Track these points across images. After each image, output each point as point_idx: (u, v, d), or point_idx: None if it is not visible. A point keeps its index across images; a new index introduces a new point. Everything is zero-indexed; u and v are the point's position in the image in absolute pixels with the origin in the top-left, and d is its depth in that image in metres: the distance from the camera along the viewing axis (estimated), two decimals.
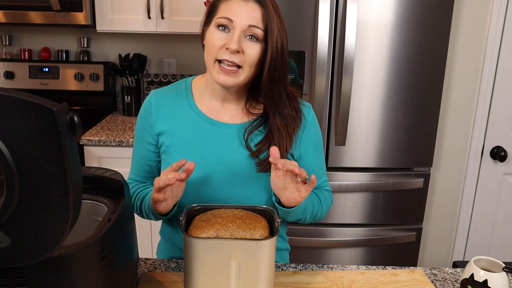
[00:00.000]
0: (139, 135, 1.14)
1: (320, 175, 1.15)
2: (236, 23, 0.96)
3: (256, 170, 1.05)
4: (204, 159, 1.06)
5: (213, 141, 1.06)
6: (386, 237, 2.07)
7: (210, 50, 0.99)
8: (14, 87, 2.61)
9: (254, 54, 0.98)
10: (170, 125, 1.08)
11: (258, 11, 0.96)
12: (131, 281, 0.93)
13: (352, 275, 1.10)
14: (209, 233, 0.86)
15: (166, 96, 1.11)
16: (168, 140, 1.08)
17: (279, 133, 1.04)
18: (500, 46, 2.11)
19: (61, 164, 0.55)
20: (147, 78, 2.67)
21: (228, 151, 1.06)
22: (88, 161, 2.20)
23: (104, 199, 0.87)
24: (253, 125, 1.07)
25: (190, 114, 1.08)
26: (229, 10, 0.96)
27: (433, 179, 2.25)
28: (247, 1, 0.96)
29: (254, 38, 0.98)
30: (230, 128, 1.07)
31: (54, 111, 0.53)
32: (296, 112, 1.08)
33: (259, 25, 0.97)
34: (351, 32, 1.81)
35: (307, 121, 1.11)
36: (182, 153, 1.07)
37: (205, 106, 1.09)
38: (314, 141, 1.14)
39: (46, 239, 0.60)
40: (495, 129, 2.21)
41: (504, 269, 0.95)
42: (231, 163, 1.06)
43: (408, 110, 1.94)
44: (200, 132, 1.07)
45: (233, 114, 1.08)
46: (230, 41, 0.95)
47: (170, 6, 2.34)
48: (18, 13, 2.30)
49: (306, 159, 1.13)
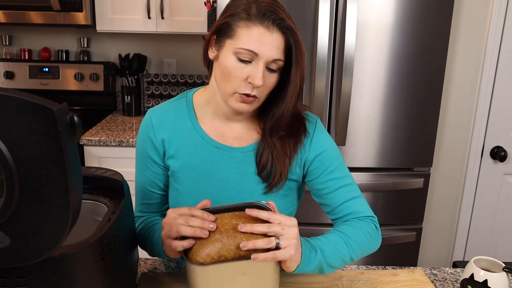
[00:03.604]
0: (142, 157, 1.06)
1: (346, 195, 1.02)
2: (260, 56, 0.88)
3: (264, 192, 1.02)
4: (212, 185, 1.02)
5: (219, 166, 1.02)
6: (386, 237, 2.07)
7: (230, 80, 0.91)
8: (14, 87, 2.61)
9: (272, 84, 0.94)
10: (175, 148, 1.03)
11: (282, 41, 0.90)
12: (131, 281, 0.93)
13: (352, 275, 1.10)
14: (210, 250, 0.82)
15: (168, 115, 1.04)
16: (174, 165, 1.03)
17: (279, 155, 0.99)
18: (500, 46, 2.11)
19: (61, 164, 0.55)
20: (147, 78, 2.67)
21: (235, 176, 1.02)
22: (88, 161, 2.19)
23: (104, 199, 0.87)
24: (259, 147, 1.02)
25: (194, 136, 1.02)
26: (252, 41, 0.87)
27: (433, 179, 2.25)
28: (271, 31, 0.88)
29: (274, 71, 0.92)
30: (236, 152, 1.02)
31: (54, 111, 0.53)
32: (298, 131, 1.01)
33: (282, 57, 0.91)
34: (351, 32, 1.81)
35: (312, 138, 1.03)
36: (189, 179, 1.02)
37: (209, 126, 1.03)
38: (324, 156, 1.03)
39: (46, 239, 0.60)
40: (495, 129, 2.21)
41: (504, 269, 0.95)
42: (238, 188, 1.02)
43: (408, 110, 1.94)
44: (206, 157, 1.02)
45: (238, 134, 1.03)
46: (254, 76, 0.89)
47: (170, 6, 2.34)
48: (18, 13, 2.30)
49: (319, 179, 1.03)
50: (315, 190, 1.05)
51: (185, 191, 1.04)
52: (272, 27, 0.88)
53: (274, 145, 0.99)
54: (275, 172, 0.99)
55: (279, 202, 1.01)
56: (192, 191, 1.03)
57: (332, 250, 0.93)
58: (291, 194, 1.06)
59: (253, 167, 1.01)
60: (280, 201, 1.03)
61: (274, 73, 0.92)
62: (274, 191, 1.01)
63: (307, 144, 1.02)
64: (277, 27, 0.88)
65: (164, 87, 2.67)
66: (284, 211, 1.04)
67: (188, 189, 1.03)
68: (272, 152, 0.99)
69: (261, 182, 1.01)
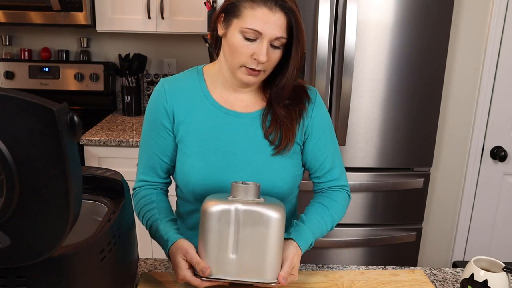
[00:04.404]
0: (154, 124, 1.11)
1: (332, 163, 1.15)
2: (264, 35, 0.97)
3: (271, 155, 1.08)
4: (220, 148, 1.08)
5: (228, 131, 1.08)
6: (386, 237, 2.07)
7: (236, 56, 1.00)
8: (14, 87, 2.61)
9: (276, 59, 1.02)
10: (185, 114, 1.09)
11: (284, 20, 0.97)
12: (131, 281, 0.93)
13: (352, 275, 1.10)
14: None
15: (180, 84, 1.11)
16: (184, 130, 1.09)
17: (285, 120, 1.08)
18: (500, 46, 2.11)
19: (61, 164, 0.55)
20: (147, 78, 2.67)
21: (244, 140, 1.08)
22: (88, 161, 2.20)
23: (104, 199, 0.87)
24: (264, 113, 1.10)
25: (204, 103, 1.09)
26: (256, 21, 0.96)
27: (433, 179, 2.25)
28: (274, 11, 0.96)
29: (278, 47, 1.00)
30: (244, 117, 1.09)
31: (54, 111, 0.53)
32: (302, 99, 1.11)
33: (284, 35, 0.99)
34: (351, 32, 1.81)
35: (314, 104, 1.12)
36: (197, 143, 1.08)
37: (218, 95, 1.10)
38: (323, 123, 1.14)
39: (46, 239, 0.60)
40: (495, 129, 2.21)
41: (504, 269, 0.95)
42: (246, 151, 1.08)
43: (408, 110, 1.94)
44: (215, 122, 1.08)
45: (246, 104, 1.10)
46: (259, 52, 0.97)
47: (170, 6, 2.34)
48: (18, 13, 2.30)
49: (314, 141, 1.13)
50: (307, 151, 1.15)
51: (193, 154, 1.08)
52: (274, 7, 0.96)
53: (280, 113, 1.08)
54: (283, 136, 1.07)
55: (286, 163, 1.10)
56: (200, 154, 1.08)
57: (321, 228, 1.09)
58: (297, 157, 1.13)
59: (260, 131, 1.09)
60: (287, 162, 1.10)
61: (278, 49, 1.00)
62: (283, 153, 1.08)
63: (310, 111, 1.12)
64: (279, 8, 0.96)
65: None
66: (291, 173, 1.11)
67: (196, 152, 1.08)
68: (278, 119, 1.07)
69: (269, 145, 1.08)
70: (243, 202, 0.91)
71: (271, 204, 0.92)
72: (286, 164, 1.09)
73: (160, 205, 1.10)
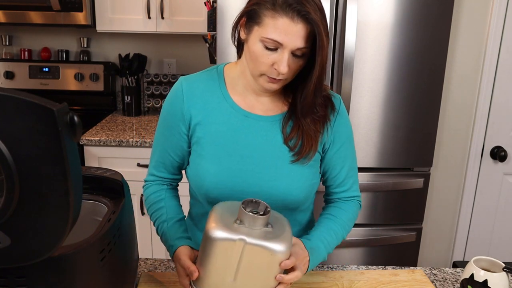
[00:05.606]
0: (168, 124, 1.09)
1: (347, 173, 1.12)
2: (285, 46, 0.93)
3: (290, 161, 1.05)
4: (237, 151, 1.05)
5: (246, 134, 1.05)
6: (386, 237, 2.07)
7: (257, 64, 0.97)
8: (14, 87, 2.61)
9: (297, 67, 0.99)
10: (203, 115, 1.06)
11: (306, 31, 0.93)
12: (131, 281, 0.93)
13: (352, 275, 1.10)
14: None
15: (198, 84, 1.08)
16: (200, 131, 1.06)
17: (308, 129, 1.05)
18: (500, 46, 2.11)
19: (61, 164, 0.55)
20: (147, 78, 2.67)
21: (262, 144, 1.05)
22: (88, 161, 2.20)
23: (104, 199, 0.88)
24: (286, 117, 1.07)
25: (223, 105, 1.06)
26: (277, 31, 0.92)
27: (433, 179, 2.25)
28: (296, 22, 0.91)
29: (300, 56, 0.97)
30: (264, 120, 1.06)
31: (54, 111, 0.53)
32: (326, 108, 1.07)
33: (306, 45, 0.95)
34: (351, 32, 1.81)
35: (338, 113, 1.09)
36: (214, 145, 1.05)
37: (238, 97, 1.07)
38: (345, 133, 1.11)
39: (46, 239, 0.60)
40: (495, 129, 2.21)
41: (504, 269, 0.95)
42: (264, 155, 1.05)
43: (408, 110, 1.94)
44: (234, 124, 1.05)
45: (267, 107, 1.07)
46: (279, 63, 0.94)
47: (170, 6, 2.35)
48: (18, 13, 2.31)
49: (334, 150, 1.10)
50: (325, 160, 1.12)
51: (208, 156, 1.06)
52: (296, 18, 0.91)
53: (304, 120, 1.04)
54: (305, 145, 1.04)
55: (304, 171, 1.06)
56: (216, 157, 1.05)
57: (334, 240, 1.09)
58: (315, 165, 1.10)
59: (279, 136, 1.06)
60: (305, 171, 1.07)
61: (300, 58, 0.97)
62: (303, 162, 1.05)
63: (333, 119, 1.09)
64: (301, 18, 0.92)
65: (164, 87, 2.67)
66: (308, 181, 1.08)
67: (212, 155, 1.05)
68: (301, 125, 1.04)
69: (288, 151, 1.05)
70: (249, 232, 0.85)
71: (277, 236, 0.87)
72: (304, 172, 1.06)
73: (168, 204, 1.10)
